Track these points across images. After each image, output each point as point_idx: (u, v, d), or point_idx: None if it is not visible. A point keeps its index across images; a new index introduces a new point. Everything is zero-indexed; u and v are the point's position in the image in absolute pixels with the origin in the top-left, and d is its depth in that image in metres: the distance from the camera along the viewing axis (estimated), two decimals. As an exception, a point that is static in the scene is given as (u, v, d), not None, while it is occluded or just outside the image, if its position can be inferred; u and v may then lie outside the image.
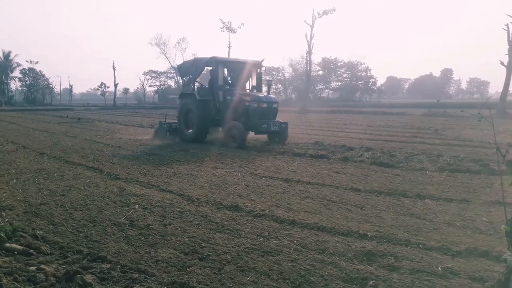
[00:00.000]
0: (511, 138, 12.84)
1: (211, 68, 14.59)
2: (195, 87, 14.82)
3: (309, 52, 48.06)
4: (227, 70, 14.73)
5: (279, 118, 13.93)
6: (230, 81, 14.83)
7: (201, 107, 13.69)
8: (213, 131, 14.57)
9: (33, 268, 3.30)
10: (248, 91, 14.47)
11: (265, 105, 13.07)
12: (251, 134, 13.37)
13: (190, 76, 14.76)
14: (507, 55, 31.05)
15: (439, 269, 3.51)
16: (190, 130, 14.00)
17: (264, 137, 13.85)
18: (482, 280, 3.26)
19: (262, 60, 14.39)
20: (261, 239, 4.29)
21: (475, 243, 4.12)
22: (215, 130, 14.69)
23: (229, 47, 57.48)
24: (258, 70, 14.66)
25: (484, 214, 5.20)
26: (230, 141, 12.47)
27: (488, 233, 4.52)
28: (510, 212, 1.54)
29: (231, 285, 3.24)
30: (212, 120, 13.89)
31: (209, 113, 13.76)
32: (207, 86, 14.66)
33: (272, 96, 14.07)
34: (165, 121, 15.28)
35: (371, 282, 3.26)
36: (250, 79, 14.79)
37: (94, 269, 3.40)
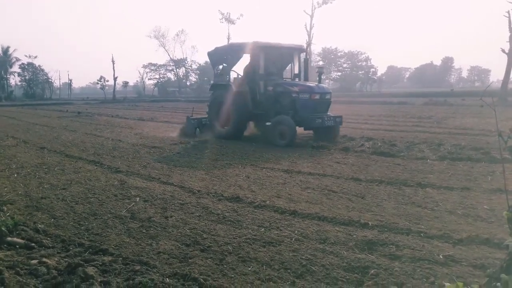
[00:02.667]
0: (512, 125, 12.78)
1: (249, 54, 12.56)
2: (230, 77, 13.09)
3: (309, 43, 47.84)
4: (268, 56, 12.48)
5: None
6: (270, 70, 12.73)
7: (238, 100, 11.95)
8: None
9: (34, 261, 3.31)
10: (289, 80, 12.70)
11: (317, 96, 11.20)
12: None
13: (224, 64, 13.07)
14: (508, 43, 30.85)
15: (441, 257, 3.51)
16: (225, 126, 12.46)
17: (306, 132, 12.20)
18: (483, 268, 3.25)
19: (309, 44, 12.82)
20: (262, 229, 4.29)
21: (476, 230, 4.12)
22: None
23: (228, 38, 57.22)
24: (302, 56, 13.04)
25: (485, 202, 5.20)
26: (276, 138, 10.92)
27: (489, 220, 4.51)
28: (512, 199, 1.52)
29: (232, 275, 3.25)
30: (251, 115, 12.26)
31: (247, 106, 12.04)
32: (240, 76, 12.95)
33: (324, 85, 12.13)
34: (192, 116, 13.86)
35: (372, 271, 3.26)
36: (292, 66, 13.04)
37: (96, 262, 3.41)
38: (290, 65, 13.25)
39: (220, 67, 13.41)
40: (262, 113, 12.02)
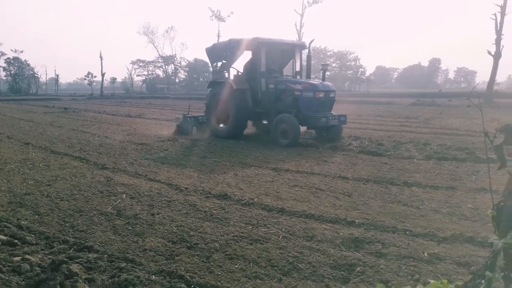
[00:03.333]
0: (498, 126, 13.01)
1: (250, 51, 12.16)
2: (229, 74, 12.55)
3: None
4: (269, 53, 11.95)
5: None
6: (271, 67, 12.26)
7: (238, 98, 11.57)
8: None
9: (17, 258, 3.24)
10: (290, 77, 12.32)
11: (322, 94, 10.76)
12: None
13: (224, 61, 12.52)
14: (495, 45, 31.33)
15: (425, 255, 3.55)
16: (223, 125, 12.11)
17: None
18: (467, 265, 3.30)
19: (312, 41, 11.86)
20: (249, 227, 4.29)
21: (460, 229, 4.17)
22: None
23: (218, 36, 56.98)
24: (304, 53, 12.60)
25: (469, 201, 5.27)
26: (278, 137, 10.58)
27: (473, 219, 4.58)
28: (496, 199, 1.54)
29: (219, 273, 3.24)
30: (250, 113, 11.85)
31: (247, 104, 11.68)
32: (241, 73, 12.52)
33: (329, 83, 11.51)
34: (188, 113, 13.34)
35: (358, 268, 3.28)
36: (294, 63, 12.52)
37: (81, 259, 3.36)
38: (290, 62, 12.77)
39: (219, 63, 12.89)
40: (263, 111, 11.69)
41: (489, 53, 31.60)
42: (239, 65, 12.81)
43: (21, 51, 74.71)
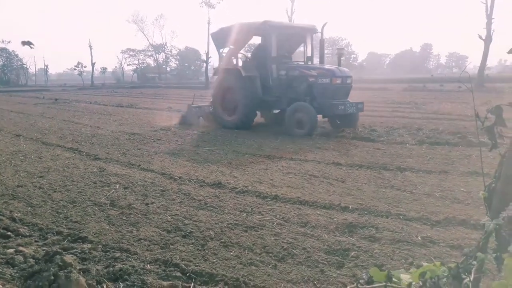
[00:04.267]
0: (489, 107, 13.12)
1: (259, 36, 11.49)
2: (237, 60, 11.83)
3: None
4: (280, 37, 11.21)
5: None
6: (281, 52, 11.52)
7: (247, 86, 10.93)
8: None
9: (11, 250, 3.23)
10: (301, 63, 11.64)
11: (338, 80, 10.12)
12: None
13: (231, 46, 11.75)
14: (485, 29, 31.38)
15: (419, 238, 3.58)
16: (232, 115, 11.41)
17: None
18: (460, 248, 3.34)
19: (325, 24, 10.88)
20: (244, 214, 4.30)
21: (453, 212, 4.22)
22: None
23: (208, 23, 56.37)
24: (315, 37, 11.86)
25: (462, 185, 5.32)
26: (293, 127, 9.97)
27: (466, 202, 4.63)
28: (488, 181, 1.55)
29: (214, 260, 3.25)
30: (260, 102, 11.19)
31: (256, 92, 11.06)
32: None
33: (345, 69, 10.85)
34: (193, 103, 12.65)
35: (352, 253, 3.31)
36: (305, 48, 11.81)
37: (75, 250, 3.35)
38: (298, 47, 12.27)
39: (226, 49, 12.12)
40: (273, 99, 11.07)
41: (480, 37, 31.65)
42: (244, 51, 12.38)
43: (9, 42, 73.46)
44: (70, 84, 66.04)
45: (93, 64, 68.82)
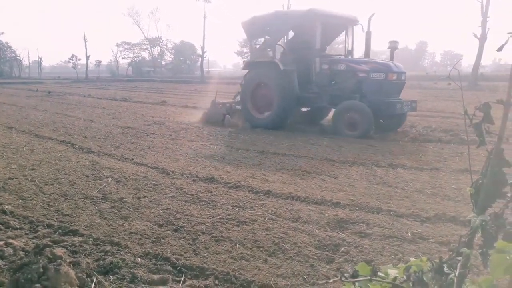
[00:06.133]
0: (478, 104, 13.22)
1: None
2: (274, 53, 10.78)
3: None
4: (323, 28, 10.12)
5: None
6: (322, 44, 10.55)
7: (285, 81, 9.99)
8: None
9: (1, 243, 3.20)
10: (341, 57, 10.72)
11: (394, 76, 9.19)
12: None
13: (267, 37, 10.73)
14: (480, 27, 31.50)
15: (409, 234, 3.61)
16: (264, 113, 10.51)
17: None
18: (449, 244, 3.38)
19: (372, 15, 9.91)
20: (236, 209, 4.30)
21: (443, 209, 4.25)
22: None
23: (204, 17, 56.10)
24: (355, 29, 10.81)
25: (453, 182, 5.37)
26: (343, 128, 9.09)
27: (456, 199, 4.67)
28: (476, 178, 1.57)
29: (205, 254, 3.25)
30: (298, 99, 10.19)
31: (294, 89, 10.10)
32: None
33: (399, 64, 9.82)
34: (216, 99, 11.58)
35: (343, 248, 3.33)
36: (346, 40, 10.83)
37: (66, 243, 3.35)
38: (335, 39, 11.40)
39: (261, 40, 11.05)
40: (312, 96, 10.08)
41: (475, 35, 31.78)
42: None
43: (2, 33, 72.71)
44: (64, 77, 65.56)
45: (87, 57, 68.36)
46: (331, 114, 10.53)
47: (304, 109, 11.02)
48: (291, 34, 11.19)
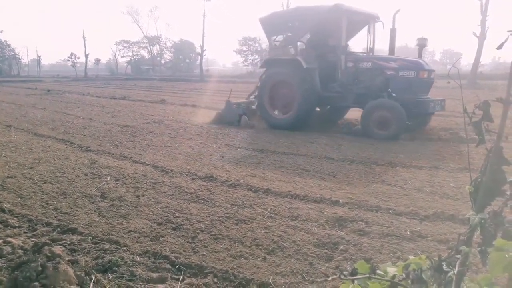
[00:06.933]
0: (477, 103, 13.21)
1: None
2: (296, 50, 10.35)
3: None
4: (348, 24, 9.81)
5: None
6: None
7: (308, 80, 9.67)
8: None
9: (-1, 241, 3.20)
10: (363, 54, 10.45)
11: (426, 74, 8.95)
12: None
13: (288, 33, 10.32)
14: (480, 26, 31.49)
15: (408, 232, 3.61)
16: (283, 112, 10.22)
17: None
18: (447, 242, 3.38)
19: (397, 11, 9.60)
20: (235, 208, 4.30)
21: (442, 207, 4.26)
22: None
23: (204, 15, 55.94)
24: (377, 26, 10.44)
25: (452, 180, 5.37)
26: (373, 127, 8.72)
27: (455, 198, 4.67)
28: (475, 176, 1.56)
29: (204, 252, 3.25)
30: (320, 98, 9.88)
31: (316, 87, 9.78)
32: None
33: (427, 61, 9.57)
34: (230, 99, 11.06)
35: (341, 247, 3.33)
36: (369, 37, 10.44)
37: (64, 241, 3.34)
38: (354, 36, 10.99)
39: (279, 37, 10.57)
40: (335, 95, 9.78)
41: (474, 34, 31.77)
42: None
43: (1, 31, 72.68)
44: (63, 75, 65.38)
45: (86, 55, 68.17)
46: (348, 114, 10.51)
47: (318, 109, 10.69)
48: (312, 30, 10.79)
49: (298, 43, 10.61)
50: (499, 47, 1.55)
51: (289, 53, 10.28)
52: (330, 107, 10.81)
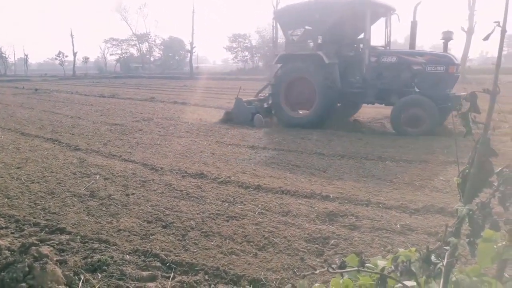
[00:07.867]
0: (464, 94, 13.32)
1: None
2: (316, 44, 9.66)
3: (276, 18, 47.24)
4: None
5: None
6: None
7: (329, 76, 9.24)
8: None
9: (-15, 242, 3.14)
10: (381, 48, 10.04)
11: (455, 69, 8.66)
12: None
13: (307, 27, 9.65)
14: (467, 21, 31.75)
15: (398, 226, 3.63)
16: (303, 111, 9.83)
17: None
18: (437, 235, 3.40)
19: (418, 3, 9.10)
20: (226, 204, 4.28)
21: (431, 200, 4.29)
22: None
23: (193, 12, 55.60)
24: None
25: (441, 174, 5.41)
26: (402, 124, 8.40)
27: (444, 191, 4.71)
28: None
29: (195, 250, 3.23)
30: (340, 95, 9.50)
31: (337, 84, 9.38)
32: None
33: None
34: (238, 96, 10.44)
35: (332, 241, 3.34)
36: (386, 30, 10.07)
37: (52, 241, 3.30)
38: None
39: (297, 31, 9.95)
40: (357, 91, 9.40)
41: (462, 29, 32.03)
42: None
43: (-14, 30, 71.28)
44: (51, 74, 64.51)
45: (74, 54, 67.31)
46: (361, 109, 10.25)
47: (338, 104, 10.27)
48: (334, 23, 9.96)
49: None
50: (486, 38, 1.55)
51: (308, 47, 9.73)
52: (342, 104, 10.42)
